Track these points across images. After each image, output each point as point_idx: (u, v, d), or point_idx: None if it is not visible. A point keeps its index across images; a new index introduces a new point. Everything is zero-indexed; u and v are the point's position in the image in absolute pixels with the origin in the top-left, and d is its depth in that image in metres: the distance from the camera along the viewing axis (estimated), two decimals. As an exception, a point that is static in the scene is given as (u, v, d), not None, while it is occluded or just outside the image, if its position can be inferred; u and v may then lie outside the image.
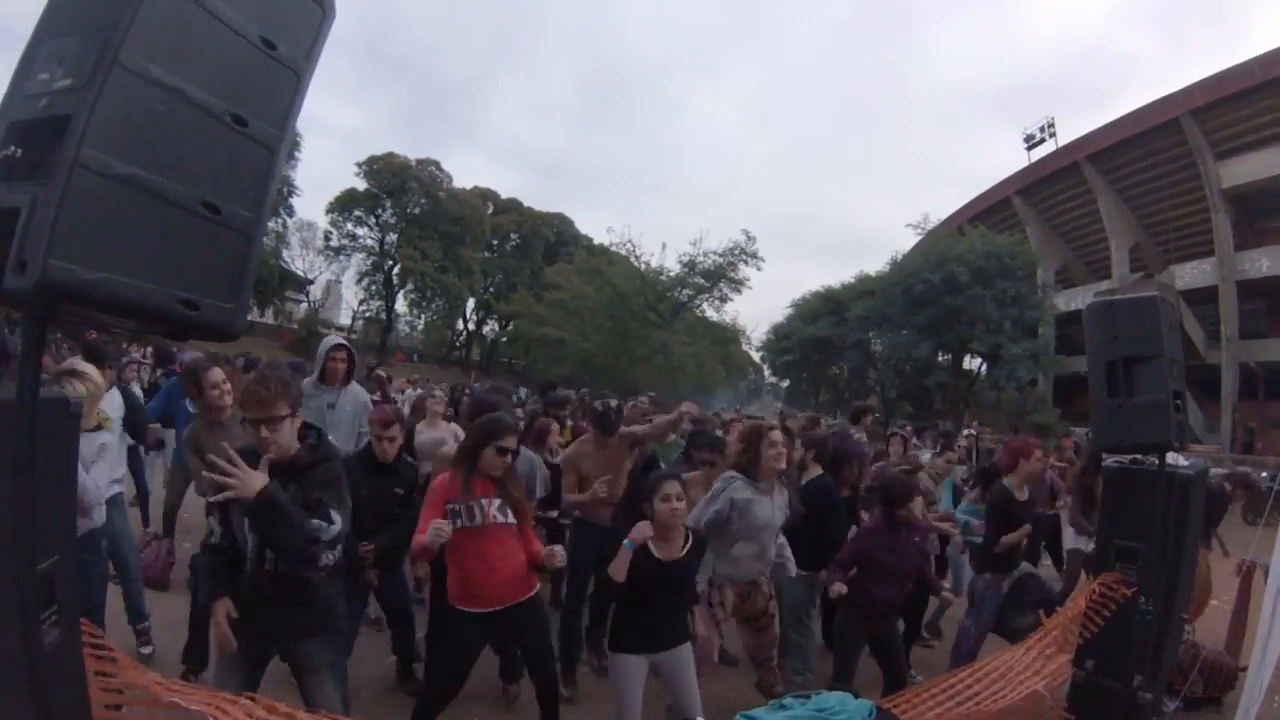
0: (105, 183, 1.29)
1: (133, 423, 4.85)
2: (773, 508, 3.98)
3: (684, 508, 3.35)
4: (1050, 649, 3.40)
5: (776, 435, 3.98)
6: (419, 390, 10.97)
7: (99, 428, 3.87)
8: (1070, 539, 6.65)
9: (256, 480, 2.48)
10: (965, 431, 13.88)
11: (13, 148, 1.33)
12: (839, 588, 3.93)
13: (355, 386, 5.10)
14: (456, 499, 3.28)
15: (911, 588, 4.38)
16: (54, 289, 1.23)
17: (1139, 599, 3.42)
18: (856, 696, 2.17)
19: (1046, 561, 7.88)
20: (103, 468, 3.87)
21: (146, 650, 4.33)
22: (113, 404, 4.58)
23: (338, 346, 4.99)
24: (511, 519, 3.37)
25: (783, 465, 3.99)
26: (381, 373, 9.13)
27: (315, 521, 2.54)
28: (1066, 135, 37.88)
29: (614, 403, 5.05)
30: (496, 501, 3.33)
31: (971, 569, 5.84)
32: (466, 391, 8.72)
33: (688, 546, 3.39)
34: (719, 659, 4.55)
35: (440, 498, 3.31)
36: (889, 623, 4.24)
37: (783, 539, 4.21)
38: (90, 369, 3.71)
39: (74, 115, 1.27)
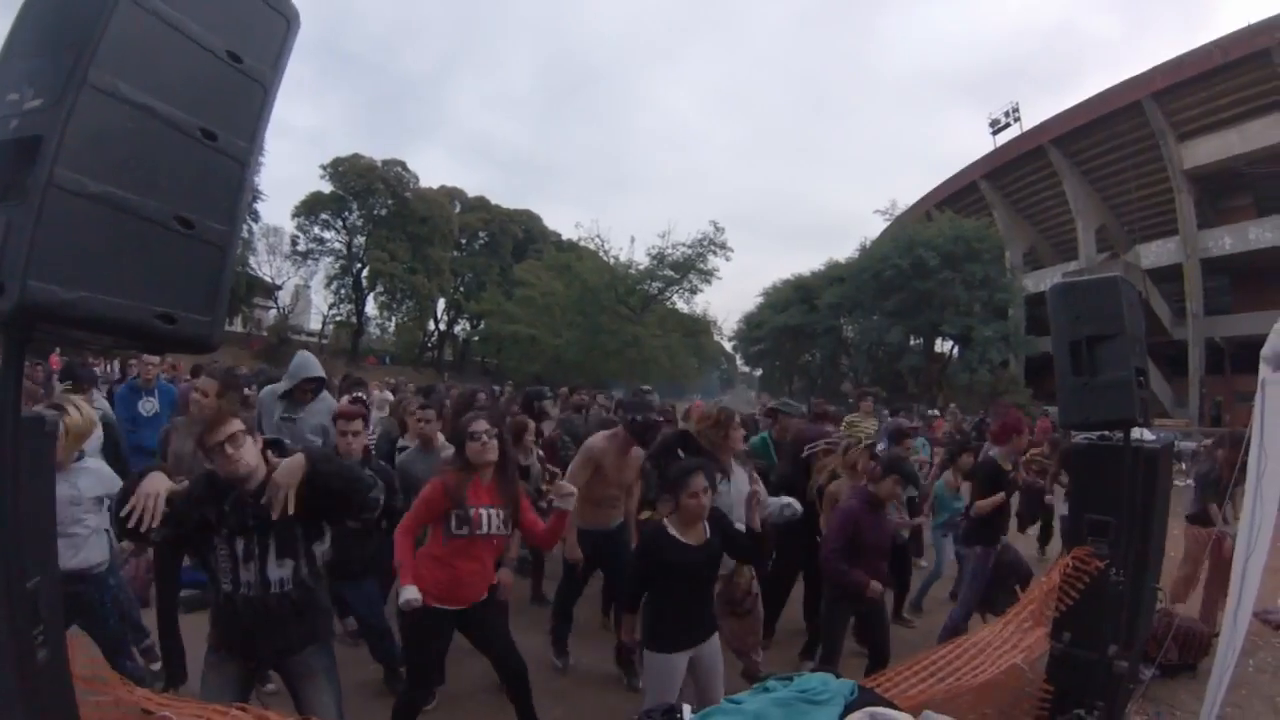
0: (79, 202, 1.30)
1: (111, 442, 4.50)
2: (730, 491, 4.01)
3: (709, 499, 3.32)
4: (1027, 623, 3.46)
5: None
6: (396, 395, 10.52)
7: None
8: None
9: (293, 462, 2.51)
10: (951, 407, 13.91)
11: (-17, 169, 1.33)
12: (876, 587, 4.02)
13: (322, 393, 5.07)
14: (460, 506, 3.24)
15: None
16: (34, 310, 1.24)
17: (1111, 571, 3.50)
18: (839, 676, 2.21)
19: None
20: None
21: None
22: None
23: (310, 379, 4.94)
24: (507, 530, 3.43)
25: (739, 446, 4.31)
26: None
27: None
28: (1031, 119, 38.28)
29: (657, 418, 4.82)
30: (500, 514, 3.33)
31: (951, 548, 5.96)
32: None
33: (709, 531, 3.38)
34: None
35: (437, 505, 3.27)
36: (875, 600, 4.29)
37: (784, 500, 4.34)
38: (80, 403, 3.29)
39: (45, 136, 1.27)
